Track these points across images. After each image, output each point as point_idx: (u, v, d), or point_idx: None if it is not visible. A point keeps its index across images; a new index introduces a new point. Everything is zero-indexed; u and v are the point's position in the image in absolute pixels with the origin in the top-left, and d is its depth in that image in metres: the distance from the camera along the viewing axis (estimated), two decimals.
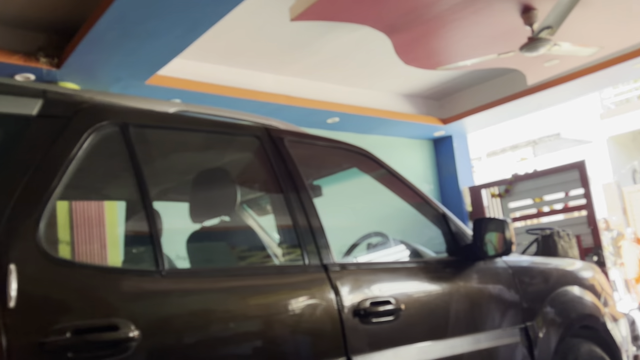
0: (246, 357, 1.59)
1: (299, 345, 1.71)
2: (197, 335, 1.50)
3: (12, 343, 1.21)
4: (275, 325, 1.66)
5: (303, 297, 1.77)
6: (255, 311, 1.64)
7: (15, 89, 1.55)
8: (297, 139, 2.17)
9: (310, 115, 6.13)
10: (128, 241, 2.48)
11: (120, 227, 4.09)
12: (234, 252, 2.26)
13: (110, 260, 4.08)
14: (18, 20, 3.79)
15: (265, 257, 2.19)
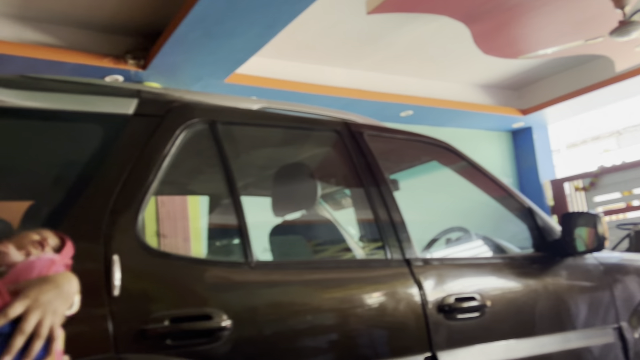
0: (331, 349, 1.61)
1: (383, 339, 1.71)
2: (284, 326, 1.53)
3: (117, 329, 1.28)
4: (359, 318, 1.67)
5: (386, 292, 1.77)
6: (340, 304, 1.65)
7: (113, 90, 1.65)
8: (377, 132, 2.16)
9: (383, 109, 6.09)
10: (214, 234, 2.57)
11: (202, 221, 4.25)
12: (315, 246, 2.29)
13: (193, 253, 4.25)
14: (108, 26, 4.02)
15: (346, 251, 2.21)
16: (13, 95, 1.46)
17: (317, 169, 2.39)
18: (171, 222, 4.17)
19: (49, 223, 1.48)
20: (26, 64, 3.77)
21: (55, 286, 0.95)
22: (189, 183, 2.81)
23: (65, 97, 1.53)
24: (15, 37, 3.77)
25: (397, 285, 1.79)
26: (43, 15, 3.81)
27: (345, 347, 1.64)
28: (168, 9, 3.76)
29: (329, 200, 2.99)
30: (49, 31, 3.91)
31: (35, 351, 0.86)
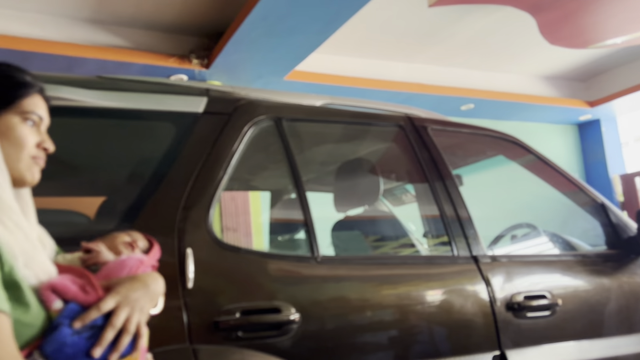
0: (398, 346, 1.61)
1: (450, 336, 1.69)
2: (350, 321, 1.54)
3: (191, 321, 1.33)
4: (425, 315, 1.66)
5: (453, 288, 1.74)
6: (406, 301, 1.64)
7: (184, 89, 1.70)
8: (441, 127, 2.13)
9: (443, 103, 5.99)
10: (278, 229, 2.61)
11: (264, 216, 4.32)
12: (379, 242, 2.28)
13: (255, 248, 4.32)
14: (173, 27, 4.15)
15: (411, 248, 2.19)
16: (91, 95, 1.53)
17: (380, 165, 2.38)
18: (234, 217, 4.26)
19: (124, 218, 1.55)
20: (97, 65, 3.95)
21: (144, 285, 0.98)
22: (253, 179, 2.87)
23: (139, 97, 1.59)
24: (87, 40, 3.95)
25: (465, 282, 1.76)
26: (113, 18, 3.97)
27: (412, 343, 1.63)
28: (231, 9, 3.83)
29: (388, 196, 2.97)
30: (118, 33, 4.08)
31: (124, 345, 0.90)
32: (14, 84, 0.96)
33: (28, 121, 0.97)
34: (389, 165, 2.50)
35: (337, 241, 2.26)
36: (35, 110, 0.98)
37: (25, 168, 0.96)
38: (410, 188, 2.90)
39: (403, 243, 2.23)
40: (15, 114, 0.95)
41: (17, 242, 0.87)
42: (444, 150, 2.03)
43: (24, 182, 0.97)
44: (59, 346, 0.83)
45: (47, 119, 1.02)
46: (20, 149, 0.95)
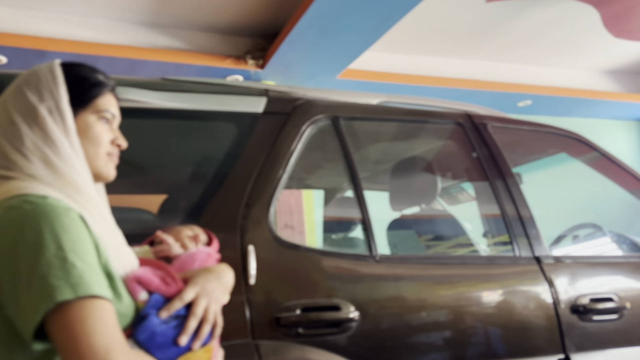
0: (458, 346, 1.59)
1: (512, 338, 1.65)
2: (409, 320, 1.53)
3: (253, 316, 1.36)
4: (486, 316, 1.63)
5: (515, 289, 1.71)
6: (467, 301, 1.62)
7: (244, 90, 1.74)
8: (501, 124, 2.09)
9: (499, 99, 5.84)
10: (333, 227, 2.63)
11: (317, 214, 4.35)
12: (437, 241, 2.26)
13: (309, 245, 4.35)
14: (230, 28, 4.23)
15: (470, 247, 2.16)
16: (156, 96, 1.59)
17: (437, 163, 2.36)
18: (288, 215, 4.31)
19: (189, 215, 1.60)
20: (157, 67, 4.08)
21: (217, 277, 1.02)
22: (308, 177, 2.89)
23: (202, 98, 1.64)
24: (148, 43, 4.09)
25: (527, 283, 1.72)
26: (172, 21, 4.09)
27: (472, 345, 1.60)
28: (286, 9, 3.87)
29: (443, 195, 2.93)
30: (177, 36, 4.20)
31: (205, 334, 0.94)
32: (90, 84, 1.00)
33: (103, 119, 1.01)
34: (446, 164, 2.47)
35: (393, 240, 2.25)
36: (109, 109, 1.02)
37: (102, 164, 1.00)
38: (467, 186, 2.85)
39: (461, 243, 2.20)
40: (92, 113, 0.99)
41: (105, 235, 0.92)
42: (504, 148, 1.98)
43: (102, 178, 1.02)
44: (150, 335, 0.87)
45: (119, 117, 1.07)
46: (97, 146, 0.99)
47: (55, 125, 0.93)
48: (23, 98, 0.94)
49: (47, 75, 0.96)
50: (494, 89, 5.66)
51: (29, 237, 0.80)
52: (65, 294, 0.77)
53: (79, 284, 0.78)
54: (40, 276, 0.77)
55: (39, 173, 0.89)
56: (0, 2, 3.65)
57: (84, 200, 0.91)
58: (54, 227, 0.81)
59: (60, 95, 0.95)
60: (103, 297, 0.81)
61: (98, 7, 3.84)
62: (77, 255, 0.81)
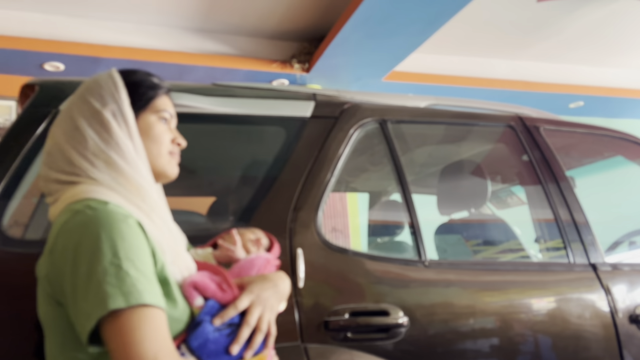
0: (509, 355, 1.55)
1: (567, 348, 1.60)
2: (459, 327, 1.50)
3: (302, 320, 1.36)
4: (539, 324, 1.59)
5: (569, 297, 1.65)
6: (519, 308, 1.58)
7: (292, 94, 1.75)
8: (555, 126, 2.03)
9: (550, 101, 5.69)
10: (379, 231, 2.61)
11: (361, 217, 4.33)
12: (487, 246, 2.21)
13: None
14: (276, 33, 4.28)
15: (522, 253, 2.10)
16: (207, 102, 1.62)
17: (487, 166, 2.31)
18: (333, 218, 4.32)
19: (239, 218, 1.63)
20: (205, 72, 4.17)
21: (274, 285, 1.03)
22: (354, 180, 2.89)
23: (251, 102, 1.66)
24: (197, 49, 4.18)
25: (582, 291, 1.66)
26: (219, 26, 4.17)
27: (524, 353, 1.56)
28: (332, 13, 3.89)
29: (492, 199, 2.87)
30: (224, 41, 4.28)
31: (258, 343, 0.94)
32: (147, 86, 1.04)
33: (162, 119, 1.04)
34: (496, 167, 2.42)
35: (442, 245, 2.22)
36: (167, 109, 1.05)
37: (165, 162, 1.03)
38: (517, 190, 2.78)
39: (511, 248, 2.14)
40: (151, 113, 1.03)
41: (164, 239, 0.94)
42: (557, 151, 1.93)
43: (165, 177, 1.05)
44: (203, 341, 0.88)
45: (175, 117, 1.09)
46: (159, 145, 1.02)
47: (119, 127, 0.96)
48: (87, 104, 0.98)
49: (108, 82, 1.00)
50: (544, 90, 5.52)
51: (88, 243, 0.83)
52: (117, 302, 0.79)
53: (132, 293, 0.80)
54: (96, 282, 0.80)
55: (103, 177, 0.92)
56: (58, 11, 3.80)
57: (145, 204, 0.93)
58: (111, 234, 0.83)
59: (122, 98, 0.98)
60: (155, 305, 0.82)
61: (149, 14, 3.96)
62: (131, 263, 0.83)
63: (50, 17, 3.83)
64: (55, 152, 0.97)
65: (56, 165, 0.95)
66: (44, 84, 1.53)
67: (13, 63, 3.82)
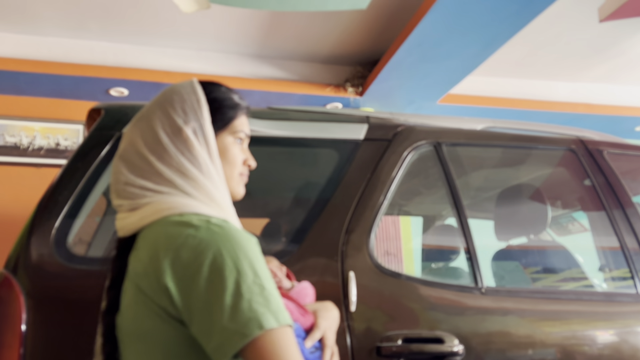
0: None
1: None
2: (516, 357, 1.45)
3: (354, 344, 1.35)
4: (604, 357, 1.50)
5: (637, 330, 1.56)
6: (582, 340, 1.51)
7: (345, 117, 1.76)
8: (619, 150, 1.95)
9: (614, 124, 5.47)
10: (429, 256, 2.56)
11: (415, 241, 4.27)
12: (548, 274, 2.13)
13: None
14: (330, 57, 4.34)
15: (584, 282, 2.01)
16: (264, 125, 1.65)
17: (547, 191, 2.23)
18: (386, 241, 4.27)
19: (292, 239, 1.64)
20: (261, 96, 4.26)
21: (333, 314, 1.12)
22: (408, 203, 2.86)
23: (306, 125, 1.68)
24: (253, 74, 4.29)
25: None
26: (276, 52, 4.27)
27: None
28: (385, 38, 3.91)
29: (552, 225, 2.76)
30: (280, 66, 4.37)
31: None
32: (229, 105, 1.02)
33: (238, 140, 1.03)
34: (556, 192, 2.34)
35: (499, 271, 2.15)
36: (243, 129, 1.04)
37: (235, 184, 1.02)
38: (579, 216, 2.67)
39: (573, 276, 2.05)
40: (229, 134, 1.01)
41: None
42: (623, 175, 1.84)
43: (234, 197, 1.02)
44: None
45: (249, 137, 1.08)
46: (233, 167, 1.01)
47: (200, 147, 0.94)
48: (169, 118, 0.96)
49: (191, 95, 0.98)
50: (607, 112, 5.31)
51: (228, 262, 0.81)
52: (270, 322, 0.78)
53: (279, 312, 0.80)
54: (245, 301, 0.78)
55: (191, 192, 0.91)
56: (123, 39, 4.00)
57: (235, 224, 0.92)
58: (248, 253, 0.83)
59: (204, 117, 0.96)
60: (291, 325, 0.83)
61: (208, 41, 4.10)
62: (269, 282, 0.83)
63: (116, 45, 4.03)
64: (137, 160, 0.94)
65: (141, 172, 0.93)
66: (109, 108, 1.61)
67: (81, 89, 4.03)
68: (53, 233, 1.36)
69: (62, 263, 1.32)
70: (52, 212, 1.38)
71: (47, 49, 3.87)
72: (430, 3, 2.99)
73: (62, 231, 1.36)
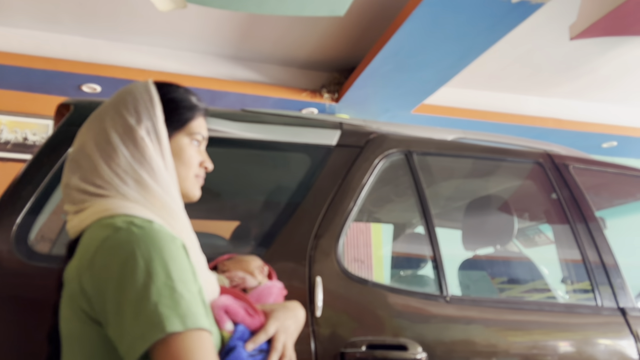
0: None
1: None
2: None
3: (318, 349, 1.35)
4: None
5: (596, 341, 1.59)
6: (543, 351, 1.53)
7: (319, 122, 1.76)
8: (584, 165, 1.99)
9: (582, 140, 5.61)
10: (401, 263, 2.58)
11: (385, 249, 4.29)
12: (511, 284, 2.16)
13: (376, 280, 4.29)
14: (307, 63, 4.35)
15: (546, 293, 2.05)
16: (236, 127, 1.64)
17: (514, 203, 2.27)
18: (356, 248, 4.28)
19: (260, 243, 1.63)
20: (237, 98, 4.24)
21: (295, 314, 1.05)
22: (378, 211, 2.87)
23: (279, 129, 1.68)
24: (229, 75, 4.27)
25: (609, 335, 1.60)
26: (252, 55, 4.26)
27: None
28: (362, 45, 3.94)
29: (520, 237, 2.81)
30: (256, 69, 4.36)
31: None
32: (186, 106, 1.02)
33: (194, 141, 1.03)
34: (524, 204, 2.38)
35: (465, 280, 2.17)
36: (200, 131, 1.04)
37: (190, 185, 1.02)
38: (545, 229, 2.72)
39: (537, 288, 2.09)
40: (185, 135, 1.01)
41: (197, 261, 0.93)
42: (587, 190, 1.89)
43: (187, 199, 1.03)
44: None
45: (207, 139, 1.08)
46: (188, 168, 1.01)
47: (152, 146, 0.94)
48: (121, 118, 0.96)
49: (144, 95, 0.98)
50: (576, 128, 5.44)
51: (139, 262, 0.80)
52: (175, 326, 0.77)
53: (187, 316, 0.79)
54: (152, 304, 0.78)
55: (132, 194, 0.91)
56: (98, 35, 3.94)
57: (177, 225, 0.92)
58: (163, 254, 0.82)
59: (157, 116, 0.96)
60: (207, 329, 0.81)
61: (185, 41, 4.07)
62: (184, 285, 0.81)
63: (90, 40, 3.97)
64: (84, 162, 0.94)
65: (85, 175, 0.93)
66: (79, 103, 1.58)
67: (52, 83, 3.95)
68: (14, 229, 1.32)
69: (21, 260, 1.29)
70: (15, 207, 1.35)
71: (17, 41, 3.79)
72: (407, 13, 3.03)
73: (23, 228, 1.33)
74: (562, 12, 3.64)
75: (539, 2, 2.86)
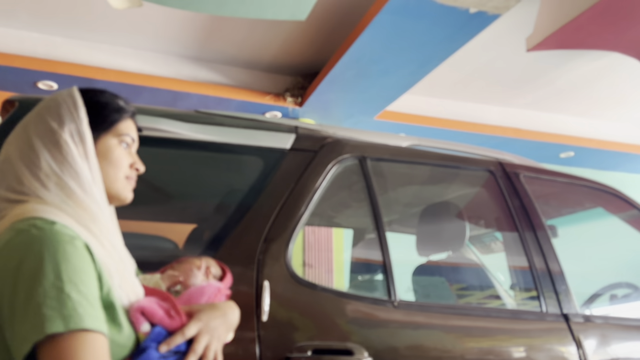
0: None
1: None
2: None
3: (263, 353, 1.33)
4: None
5: (539, 347, 1.63)
6: (487, 356, 1.55)
7: (274, 126, 1.75)
8: (535, 174, 2.04)
9: (540, 149, 5.75)
10: (357, 268, 2.59)
11: (346, 254, 4.30)
12: (461, 290, 2.19)
13: (335, 285, 4.31)
14: (271, 66, 4.34)
15: (495, 299, 2.08)
16: (188, 128, 1.62)
17: (466, 210, 2.31)
18: (316, 252, 4.29)
19: (209, 246, 1.61)
20: (199, 100, 4.20)
21: (223, 314, 1.01)
22: (336, 215, 2.88)
23: (232, 131, 1.66)
24: (192, 76, 4.23)
25: (553, 341, 1.64)
26: (215, 56, 4.23)
27: None
28: (326, 50, 3.96)
29: (476, 243, 2.86)
30: (219, 71, 4.33)
31: None
32: (112, 108, 1.02)
33: (123, 143, 1.03)
34: (477, 211, 2.42)
35: (417, 286, 2.19)
36: (129, 133, 1.04)
37: (121, 187, 1.02)
38: (500, 236, 2.77)
39: (488, 294, 2.12)
40: (113, 137, 1.01)
41: (113, 263, 0.91)
42: (537, 199, 1.93)
43: (119, 201, 1.03)
44: None
45: (137, 141, 1.08)
46: (117, 170, 1.01)
47: (76, 148, 0.94)
48: (44, 123, 0.96)
49: (67, 100, 0.98)
50: (535, 138, 5.57)
51: (30, 264, 0.80)
52: (56, 326, 0.76)
53: (72, 317, 0.78)
54: (35, 305, 0.77)
55: (52, 198, 0.90)
56: (56, 32, 3.85)
57: (96, 227, 0.91)
58: (55, 255, 0.81)
59: (80, 118, 0.96)
60: (96, 330, 0.80)
61: (146, 40, 4.01)
62: (74, 286, 0.80)
63: (48, 37, 3.87)
64: (6, 169, 0.94)
65: (5, 182, 0.93)
66: (24, 100, 1.53)
67: (6, 79, 3.84)
68: None
69: None
70: None
71: None
72: (368, 20, 3.06)
73: None
74: (521, 23, 3.73)
75: (496, 13, 2.93)
